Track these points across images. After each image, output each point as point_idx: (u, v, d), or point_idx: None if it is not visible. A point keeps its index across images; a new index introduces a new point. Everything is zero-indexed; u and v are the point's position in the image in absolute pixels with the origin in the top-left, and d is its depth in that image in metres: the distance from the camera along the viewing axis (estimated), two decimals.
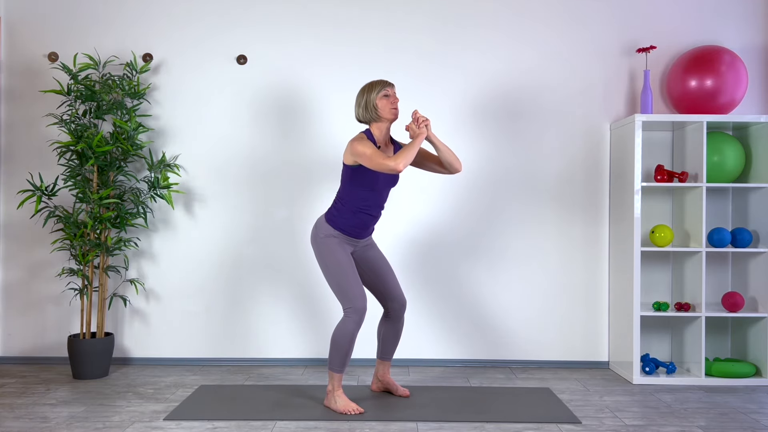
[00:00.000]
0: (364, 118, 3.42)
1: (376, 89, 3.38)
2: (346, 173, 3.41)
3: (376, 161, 3.23)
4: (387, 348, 3.66)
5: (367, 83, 3.46)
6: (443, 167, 3.53)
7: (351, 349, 3.37)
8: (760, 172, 4.09)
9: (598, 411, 3.44)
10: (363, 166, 3.35)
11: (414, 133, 3.38)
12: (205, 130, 4.38)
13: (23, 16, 4.39)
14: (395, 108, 3.40)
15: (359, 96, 3.42)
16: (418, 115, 3.38)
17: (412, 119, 3.40)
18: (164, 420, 3.26)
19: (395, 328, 3.63)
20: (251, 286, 4.38)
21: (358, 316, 3.33)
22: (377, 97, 3.38)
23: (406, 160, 3.22)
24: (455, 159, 3.46)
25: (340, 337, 3.35)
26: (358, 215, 3.41)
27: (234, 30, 4.38)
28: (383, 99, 3.38)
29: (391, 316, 3.62)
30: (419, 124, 3.37)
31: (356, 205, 3.40)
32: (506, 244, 4.37)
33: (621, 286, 4.16)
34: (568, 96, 4.38)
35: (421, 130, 3.36)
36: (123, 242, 4.16)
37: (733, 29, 4.37)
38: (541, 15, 4.38)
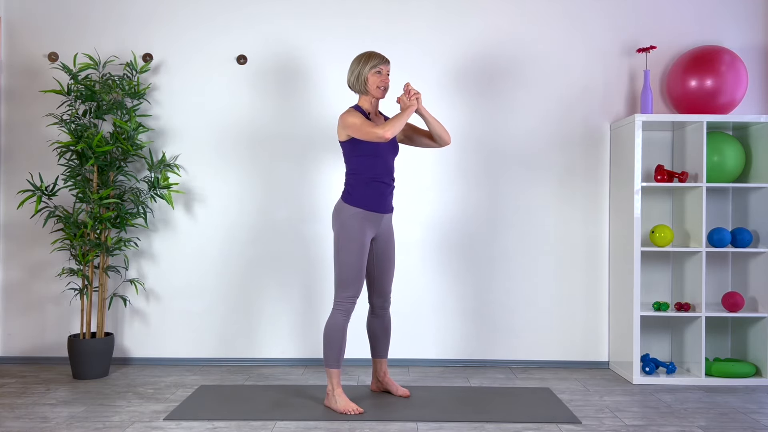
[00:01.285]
0: (354, 87, 3.46)
1: (371, 63, 3.40)
2: (346, 149, 3.45)
3: (365, 129, 3.29)
4: (379, 346, 3.67)
5: (364, 53, 3.45)
6: (433, 140, 3.57)
7: (344, 343, 3.40)
8: (760, 172, 4.09)
9: (598, 411, 3.44)
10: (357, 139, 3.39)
11: (405, 105, 3.41)
12: (205, 130, 4.38)
13: (23, 16, 4.39)
14: (384, 88, 3.43)
15: (354, 64, 3.44)
16: (410, 87, 3.40)
17: (403, 91, 3.43)
18: (164, 420, 3.26)
19: (383, 325, 3.66)
20: (251, 286, 4.38)
21: (347, 310, 3.40)
22: (370, 72, 3.40)
23: (394, 129, 3.27)
24: (444, 131, 3.50)
25: (331, 331, 3.38)
26: (371, 185, 3.43)
27: (234, 30, 4.38)
28: (375, 75, 3.41)
29: (376, 312, 3.65)
30: (410, 96, 3.40)
31: (366, 175, 3.43)
32: (506, 244, 4.37)
33: (621, 286, 4.16)
34: (568, 96, 4.38)
35: (411, 102, 3.39)
36: (123, 242, 4.16)
37: (733, 29, 4.37)
38: (541, 15, 4.38)
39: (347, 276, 3.39)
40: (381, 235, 3.53)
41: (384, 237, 3.55)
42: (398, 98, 3.44)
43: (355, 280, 3.39)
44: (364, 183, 3.42)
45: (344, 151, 3.47)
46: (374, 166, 3.43)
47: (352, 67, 3.45)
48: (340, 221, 3.42)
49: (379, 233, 3.52)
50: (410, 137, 3.63)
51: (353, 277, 3.39)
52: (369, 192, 3.43)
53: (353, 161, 3.44)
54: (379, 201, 3.46)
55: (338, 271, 3.41)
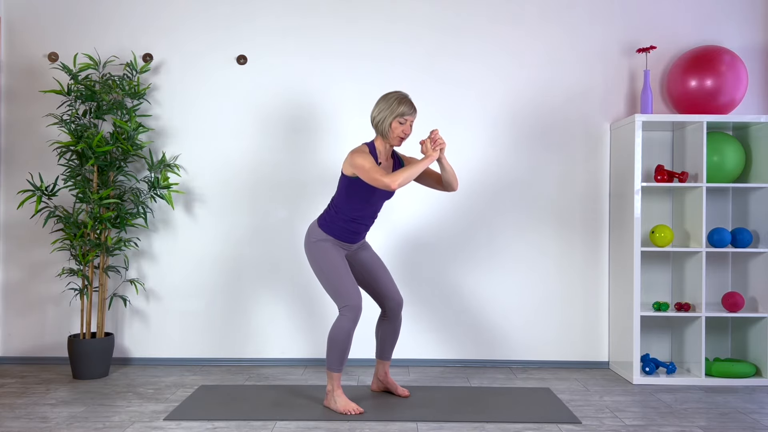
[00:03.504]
0: (375, 126, 3.39)
1: (399, 110, 3.32)
2: (343, 183, 3.41)
3: (372, 176, 3.22)
4: (386, 348, 3.66)
5: (396, 96, 3.35)
6: (440, 185, 3.51)
7: (348, 348, 3.38)
8: (760, 172, 4.09)
9: (598, 411, 3.44)
10: (360, 179, 3.34)
11: (426, 152, 3.34)
12: (205, 129, 4.38)
13: (23, 16, 4.39)
14: (403, 137, 3.37)
15: (382, 102, 3.36)
16: (437, 136, 3.33)
17: (429, 137, 3.35)
18: (164, 420, 3.26)
19: (393, 327, 3.63)
20: (251, 286, 4.38)
21: (354, 314, 3.34)
22: (394, 119, 3.33)
23: (403, 180, 3.21)
24: (455, 180, 3.46)
25: (336, 335, 3.35)
26: (350, 224, 3.43)
27: (234, 30, 4.38)
28: (398, 124, 3.34)
29: (388, 315, 3.62)
30: (435, 145, 3.34)
31: (349, 215, 3.41)
32: (506, 244, 4.37)
33: (621, 286, 4.16)
34: (568, 96, 4.38)
35: (433, 152, 3.32)
36: (123, 242, 4.16)
37: (733, 29, 4.37)
38: (541, 15, 4.38)
39: (337, 284, 3.36)
40: (354, 252, 3.55)
41: (360, 248, 3.56)
42: (422, 141, 3.37)
43: (347, 286, 3.35)
44: (343, 220, 3.42)
45: (341, 182, 3.43)
46: (360, 210, 3.42)
47: (380, 105, 3.36)
48: (311, 242, 3.44)
49: (350, 251, 3.54)
50: (419, 176, 3.55)
51: (344, 284, 3.36)
52: (345, 229, 3.43)
53: (343, 197, 3.41)
54: (353, 237, 3.47)
55: (328, 285, 3.39)
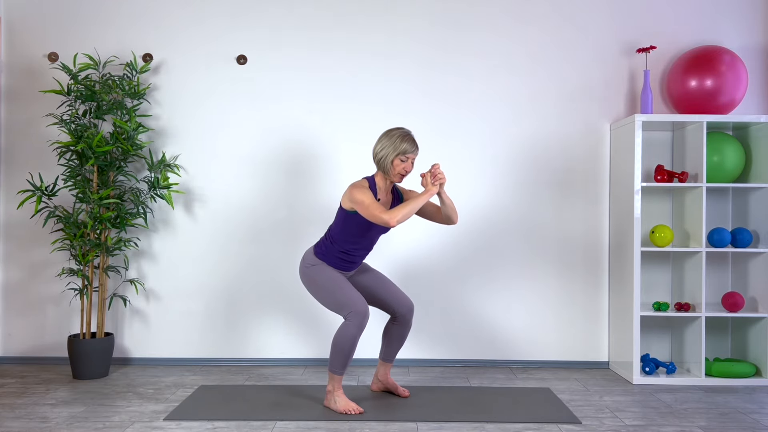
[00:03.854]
0: (377, 162, 3.38)
1: (400, 148, 3.31)
2: (341, 215, 3.41)
3: (372, 212, 3.22)
4: (391, 350, 3.65)
5: (399, 134, 3.34)
6: (439, 217, 3.50)
7: (352, 353, 3.36)
8: (760, 172, 4.09)
9: (598, 411, 3.44)
10: (358, 213, 3.34)
11: (426, 185, 3.35)
12: (205, 129, 4.38)
13: (23, 16, 4.39)
14: (404, 175, 3.37)
15: (385, 138, 3.35)
16: (438, 171, 3.33)
17: (430, 171, 3.35)
18: (164, 420, 3.26)
19: (401, 332, 3.62)
20: (251, 286, 4.38)
21: (360, 319, 3.30)
22: (396, 157, 3.33)
23: (403, 216, 3.20)
24: (455, 213, 3.45)
25: (341, 340, 3.32)
26: (345, 255, 3.44)
27: (234, 30, 4.38)
28: (400, 161, 3.34)
29: (399, 320, 3.60)
30: (435, 180, 3.33)
31: (345, 247, 3.43)
32: (506, 244, 4.37)
33: (621, 286, 4.16)
34: (568, 96, 4.38)
35: (433, 186, 3.33)
36: (123, 242, 4.16)
37: (733, 29, 4.37)
38: (541, 15, 4.38)
39: (338, 295, 3.35)
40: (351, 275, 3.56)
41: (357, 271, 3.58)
42: (422, 174, 3.37)
43: (348, 294, 3.34)
44: (339, 251, 3.43)
45: (339, 214, 3.43)
46: (357, 242, 3.43)
47: (382, 141, 3.36)
48: (306, 267, 3.45)
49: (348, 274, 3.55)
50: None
51: (345, 293, 3.35)
52: (341, 258, 3.44)
53: (340, 229, 3.41)
54: (349, 266, 3.49)
55: (329, 298, 3.38)
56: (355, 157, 4.35)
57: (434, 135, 4.37)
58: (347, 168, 4.36)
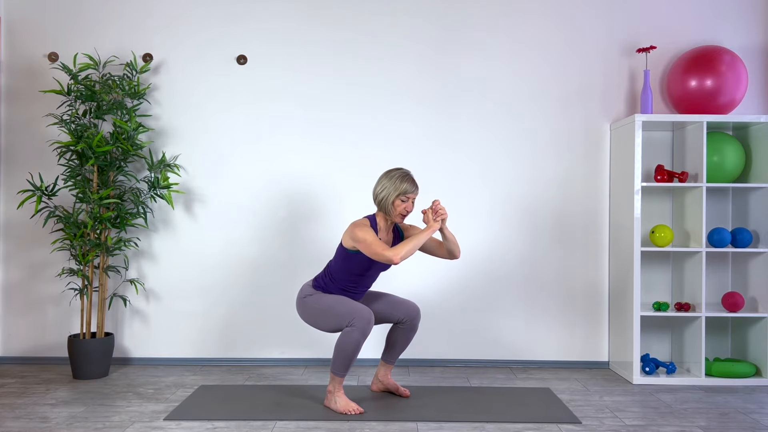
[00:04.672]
0: (378, 203, 3.39)
1: (401, 189, 3.32)
2: (341, 253, 3.41)
3: (374, 250, 3.22)
4: (394, 352, 3.65)
5: (399, 174, 3.35)
6: (441, 252, 3.50)
7: (356, 357, 3.35)
8: (760, 172, 4.09)
9: (598, 411, 3.44)
10: (359, 253, 3.34)
11: (428, 222, 3.35)
12: (205, 130, 4.38)
13: (23, 16, 4.39)
14: (405, 215, 3.38)
15: (386, 180, 3.36)
16: (439, 207, 3.34)
17: (431, 207, 3.36)
18: (164, 420, 3.26)
19: (407, 336, 3.61)
20: (251, 286, 4.38)
21: (365, 324, 3.27)
22: (397, 197, 3.34)
23: (406, 253, 3.21)
24: (457, 249, 3.45)
25: (345, 344, 3.30)
26: (344, 292, 3.45)
27: (234, 30, 4.38)
28: (401, 201, 3.35)
29: (406, 324, 3.58)
30: (436, 216, 3.34)
31: (344, 285, 3.44)
32: (506, 243, 4.37)
33: (621, 286, 4.16)
34: (568, 96, 4.38)
35: (435, 222, 3.33)
36: (123, 242, 4.16)
37: (733, 29, 4.37)
38: (541, 15, 4.38)
39: (339, 309, 3.33)
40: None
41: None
42: (424, 211, 3.38)
43: (348, 306, 3.32)
44: (338, 289, 3.44)
45: (339, 252, 3.42)
46: (356, 282, 3.43)
47: (383, 182, 3.37)
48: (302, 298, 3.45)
49: None
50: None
51: (344, 306, 3.33)
52: (341, 294, 3.44)
53: (339, 267, 3.41)
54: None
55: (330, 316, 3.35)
56: (357, 155, 4.35)
57: (431, 138, 4.36)
58: (348, 165, 4.36)
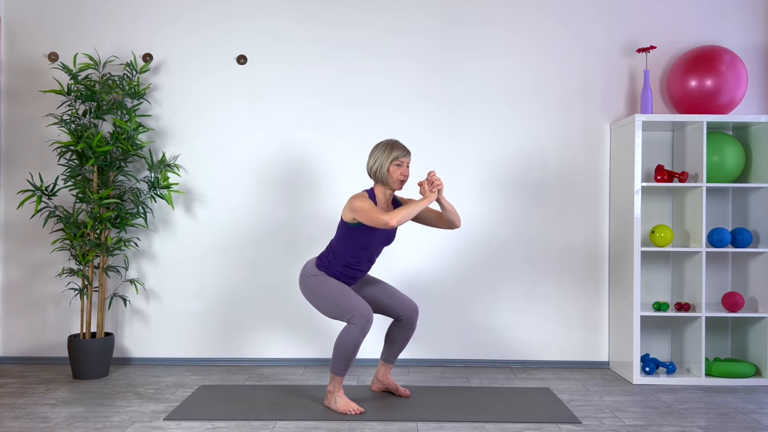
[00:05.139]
0: (374, 175, 3.41)
1: (394, 154, 3.35)
2: (342, 228, 3.42)
3: (371, 216, 3.25)
4: (393, 352, 3.65)
5: (388, 143, 3.39)
6: (442, 223, 3.52)
7: (355, 355, 3.36)
8: (760, 172, 4.09)
9: (598, 411, 3.44)
10: (360, 226, 3.36)
11: (424, 193, 3.36)
12: (205, 129, 4.38)
13: (23, 16, 4.39)
14: (404, 180, 3.39)
15: (377, 151, 3.39)
16: (434, 177, 3.35)
17: (427, 179, 3.37)
18: (164, 420, 3.26)
19: (405, 335, 3.62)
20: (251, 286, 4.38)
21: (364, 322, 3.29)
22: (391, 164, 3.36)
23: (402, 218, 3.23)
24: (457, 218, 3.46)
25: (344, 343, 3.32)
26: (347, 269, 3.45)
27: (234, 30, 4.38)
28: (396, 167, 3.36)
29: (404, 323, 3.60)
30: (432, 186, 3.35)
31: (347, 261, 3.43)
32: (505, 244, 4.37)
33: (621, 286, 4.16)
34: (568, 96, 4.38)
35: (431, 193, 3.34)
36: (123, 242, 4.16)
37: (733, 29, 4.37)
38: (541, 15, 4.38)
39: (340, 301, 3.35)
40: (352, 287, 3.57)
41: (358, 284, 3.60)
42: (420, 183, 3.40)
43: (350, 300, 3.34)
44: (341, 265, 3.44)
45: (340, 228, 3.44)
46: (358, 256, 3.43)
47: (374, 154, 3.39)
48: (306, 277, 3.46)
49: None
50: (420, 216, 3.56)
51: (346, 299, 3.35)
52: (342, 273, 3.45)
53: (341, 242, 3.42)
54: (349, 280, 3.49)
55: (330, 306, 3.38)
56: (357, 155, 4.35)
57: (432, 135, 4.36)
58: (348, 165, 4.36)
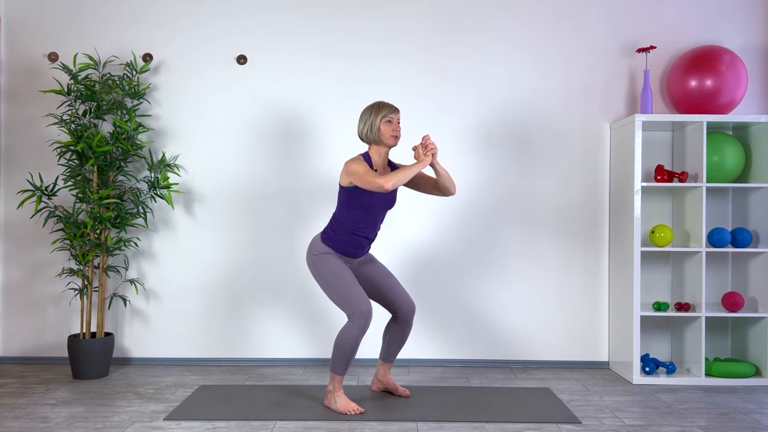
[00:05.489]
0: (366, 137, 3.42)
1: (382, 113, 3.37)
2: (342, 195, 3.43)
3: (367, 179, 3.25)
4: (391, 350, 3.65)
5: (375, 104, 3.42)
6: (438, 190, 3.54)
7: (354, 354, 3.37)
8: (760, 172, 4.09)
9: (598, 411, 3.44)
10: (358, 189, 3.36)
11: (418, 157, 3.37)
12: (205, 129, 4.38)
13: (23, 16, 4.39)
14: (396, 135, 3.40)
15: (365, 114, 3.41)
16: (429, 141, 3.36)
17: (421, 143, 3.38)
18: (164, 420, 3.26)
19: (402, 333, 3.62)
20: (251, 286, 4.38)
21: (363, 321, 3.31)
22: (381, 122, 3.37)
23: (397, 181, 3.24)
24: (452, 184, 3.47)
25: (344, 341, 3.33)
26: (352, 237, 3.44)
27: (234, 30, 4.38)
28: (386, 124, 3.38)
29: (400, 320, 3.60)
30: (426, 150, 3.36)
31: (351, 227, 3.43)
32: (506, 244, 4.37)
33: (621, 286, 4.16)
34: (568, 96, 4.38)
35: (425, 157, 3.35)
36: (123, 242, 4.16)
37: (733, 29, 4.37)
38: (541, 15, 4.38)
39: (343, 293, 3.36)
40: (360, 262, 3.55)
41: (363, 261, 3.57)
42: (414, 147, 3.40)
43: (354, 294, 3.35)
44: (346, 233, 3.43)
45: (340, 195, 3.45)
46: (362, 220, 3.43)
47: (363, 118, 3.42)
48: (313, 257, 3.45)
49: (353, 265, 3.54)
50: (415, 182, 3.59)
51: (350, 292, 3.35)
52: (347, 241, 3.44)
53: (344, 209, 3.43)
54: (355, 251, 3.48)
55: (334, 295, 3.39)
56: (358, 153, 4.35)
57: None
58: None
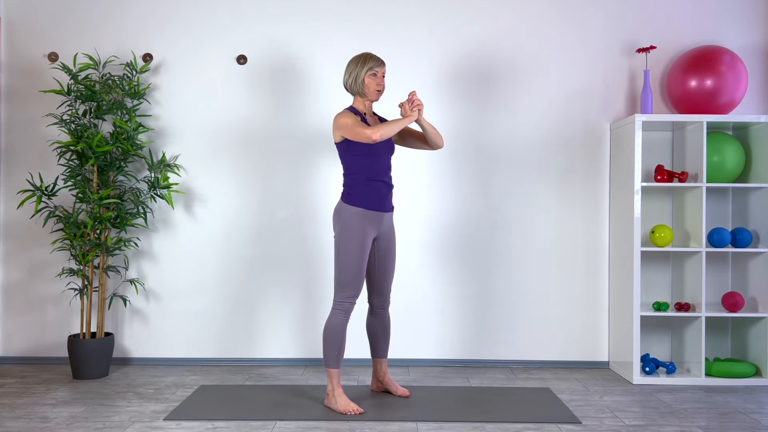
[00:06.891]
0: (351, 88, 3.48)
1: (367, 65, 3.42)
2: (342, 150, 3.47)
3: (355, 130, 3.31)
4: (379, 345, 3.67)
5: (361, 55, 3.46)
6: (426, 144, 3.60)
7: (343, 343, 3.41)
8: (760, 172, 4.09)
9: (598, 411, 3.44)
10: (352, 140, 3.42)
11: (405, 113, 3.41)
12: (205, 130, 4.38)
13: (23, 16, 4.39)
14: (380, 90, 3.46)
15: (350, 66, 3.46)
16: (415, 97, 3.40)
17: (407, 99, 3.42)
18: (164, 420, 3.26)
19: (382, 325, 3.66)
20: (251, 286, 4.38)
21: (346, 309, 3.41)
22: (366, 75, 3.42)
23: (384, 132, 3.28)
24: (439, 137, 3.52)
25: (330, 331, 3.39)
26: (369, 184, 3.44)
27: (234, 30, 4.38)
28: (371, 77, 3.43)
29: (375, 312, 3.65)
30: (413, 106, 3.40)
31: (364, 174, 3.44)
32: (506, 244, 4.37)
33: (621, 286, 4.16)
34: (568, 96, 4.38)
35: (412, 112, 3.40)
36: (123, 242, 4.16)
37: (733, 29, 4.37)
38: (541, 15, 4.38)
39: (347, 276, 3.39)
40: (383, 235, 3.54)
41: (386, 237, 3.56)
42: (400, 104, 3.44)
43: (354, 280, 3.40)
44: (362, 182, 3.44)
45: (340, 152, 3.49)
46: (371, 165, 3.44)
47: (349, 68, 3.47)
48: (341, 222, 3.43)
49: (381, 233, 3.53)
50: (404, 137, 3.64)
51: (353, 278, 3.39)
52: (368, 191, 3.43)
53: (350, 161, 3.45)
54: (379, 199, 3.46)
55: (338, 271, 3.42)
56: None
57: None
58: None
